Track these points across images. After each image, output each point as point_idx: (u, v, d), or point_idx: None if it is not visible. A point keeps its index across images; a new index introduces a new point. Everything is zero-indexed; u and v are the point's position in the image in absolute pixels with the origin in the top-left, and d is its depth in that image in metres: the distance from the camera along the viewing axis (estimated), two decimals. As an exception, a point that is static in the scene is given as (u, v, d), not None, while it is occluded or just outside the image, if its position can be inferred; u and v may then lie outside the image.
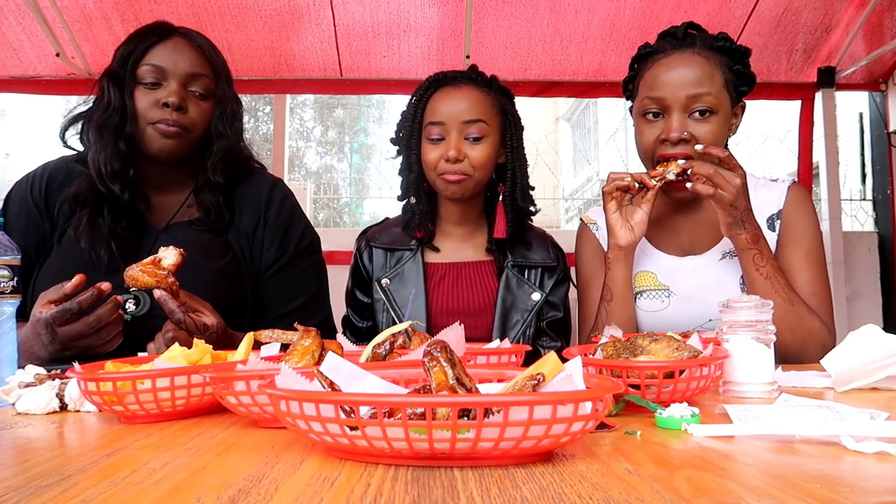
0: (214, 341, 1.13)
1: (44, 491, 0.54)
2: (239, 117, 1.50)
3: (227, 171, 1.47)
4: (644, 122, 1.46)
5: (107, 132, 1.38)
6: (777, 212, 1.49)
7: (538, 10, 2.68)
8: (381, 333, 0.95)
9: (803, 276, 1.42)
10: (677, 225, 1.55)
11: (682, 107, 1.41)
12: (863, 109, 3.51)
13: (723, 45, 1.45)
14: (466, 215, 1.63)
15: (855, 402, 0.84)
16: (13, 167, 10.20)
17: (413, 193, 1.62)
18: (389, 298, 1.57)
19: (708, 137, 1.40)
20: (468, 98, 1.55)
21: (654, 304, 1.50)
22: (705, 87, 1.40)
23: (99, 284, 1.16)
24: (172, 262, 1.17)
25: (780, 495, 0.51)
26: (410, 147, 1.59)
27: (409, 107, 1.61)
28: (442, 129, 1.54)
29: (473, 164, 1.53)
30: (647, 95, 1.44)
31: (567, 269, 1.68)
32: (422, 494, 0.51)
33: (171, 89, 1.38)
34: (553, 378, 0.63)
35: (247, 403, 0.76)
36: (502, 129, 1.59)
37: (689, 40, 1.46)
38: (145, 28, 1.45)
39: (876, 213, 3.39)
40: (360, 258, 1.65)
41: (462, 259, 1.63)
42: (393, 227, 1.67)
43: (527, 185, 1.63)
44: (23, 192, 1.46)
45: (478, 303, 1.59)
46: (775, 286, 1.33)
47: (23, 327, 1.18)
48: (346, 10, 2.67)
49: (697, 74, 1.41)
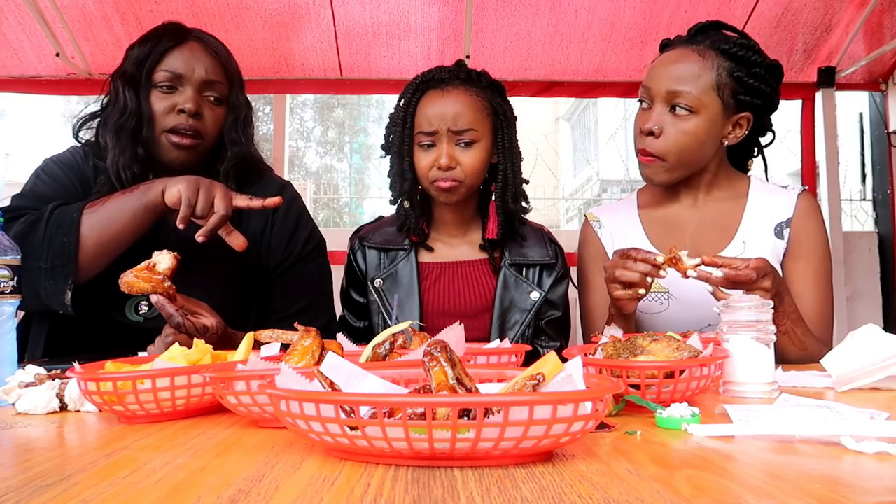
0: (215, 342, 1.13)
1: (44, 491, 0.54)
2: (251, 122, 1.51)
3: (239, 175, 1.48)
4: (639, 111, 1.47)
5: (124, 136, 1.39)
6: (786, 220, 1.48)
7: (538, 9, 2.67)
8: (382, 333, 0.95)
9: (810, 294, 1.42)
10: (682, 225, 1.53)
11: (663, 100, 1.40)
12: (863, 109, 3.51)
13: (730, 49, 1.41)
14: (461, 215, 1.63)
15: (855, 402, 0.84)
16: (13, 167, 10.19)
17: (407, 198, 1.60)
18: (383, 299, 1.57)
19: (678, 137, 1.39)
20: (457, 104, 1.52)
21: (653, 306, 1.49)
22: (687, 86, 1.39)
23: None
24: (167, 266, 1.17)
25: (780, 495, 0.51)
26: (402, 154, 1.56)
27: (398, 111, 1.59)
28: (432, 138, 1.53)
29: (465, 171, 1.52)
30: (642, 84, 1.45)
31: (566, 266, 1.67)
32: (422, 494, 0.51)
33: (187, 95, 1.39)
34: (553, 378, 0.63)
35: (247, 403, 0.76)
36: (494, 130, 1.58)
37: (701, 37, 1.44)
38: (159, 30, 1.45)
39: (876, 213, 3.39)
40: (353, 258, 1.64)
41: (457, 258, 1.62)
42: (387, 227, 1.66)
43: (519, 185, 1.61)
44: (74, 164, 1.46)
45: (475, 303, 1.58)
46: (792, 339, 1.32)
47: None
48: (346, 10, 2.67)
49: (682, 71, 1.40)
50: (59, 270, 1.24)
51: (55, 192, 1.39)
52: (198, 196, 1.23)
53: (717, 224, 1.50)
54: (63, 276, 1.24)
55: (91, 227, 1.25)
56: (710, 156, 1.47)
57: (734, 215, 1.51)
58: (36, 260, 1.23)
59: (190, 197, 1.22)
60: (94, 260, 1.27)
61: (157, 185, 1.26)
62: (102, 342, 1.36)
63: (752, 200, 1.52)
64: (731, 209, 1.52)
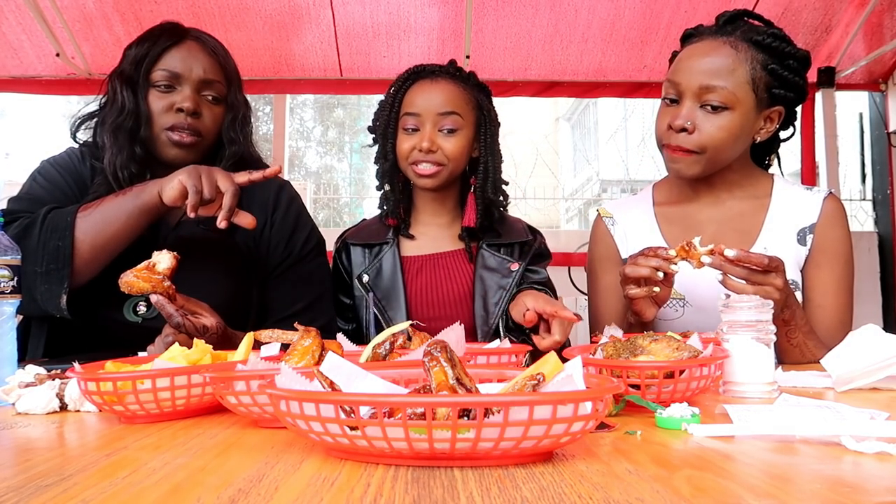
0: (215, 342, 1.13)
1: (44, 491, 0.54)
2: (249, 122, 1.51)
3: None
4: (663, 106, 1.40)
5: (122, 135, 1.39)
6: (810, 225, 1.42)
7: (538, 9, 2.68)
8: (382, 333, 0.95)
9: (830, 304, 1.39)
10: (700, 225, 1.47)
11: (694, 95, 1.33)
12: (863, 109, 3.51)
13: (763, 40, 1.34)
14: (442, 205, 1.65)
15: (855, 402, 0.84)
16: (13, 167, 10.19)
17: (387, 182, 1.63)
18: (369, 292, 1.57)
19: (715, 133, 1.33)
20: (444, 91, 1.57)
21: (668, 312, 1.45)
22: (721, 81, 1.32)
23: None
24: (167, 266, 1.17)
25: (780, 495, 0.51)
26: (386, 136, 1.61)
27: (387, 97, 1.64)
28: (417, 121, 1.56)
29: (447, 156, 1.55)
30: (667, 78, 1.38)
31: (547, 250, 1.68)
32: (422, 494, 0.51)
33: (185, 94, 1.39)
34: (553, 378, 0.63)
35: (247, 403, 0.76)
36: (477, 123, 1.61)
37: (730, 28, 1.37)
38: (157, 29, 1.45)
39: (876, 213, 3.39)
40: (338, 259, 1.66)
41: (439, 249, 1.63)
42: (369, 225, 1.70)
43: (499, 180, 1.64)
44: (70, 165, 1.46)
45: (457, 292, 1.59)
46: (804, 352, 1.29)
47: None
48: (346, 10, 2.67)
49: (716, 65, 1.32)
50: (55, 274, 1.24)
51: (51, 194, 1.39)
52: (201, 181, 1.23)
53: (738, 226, 1.45)
54: (58, 280, 1.24)
55: (85, 231, 1.25)
56: (739, 153, 1.41)
57: (756, 217, 1.45)
58: (31, 264, 1.22)
59: (195, 184, 1.22)
60: (90, 263, 1.26)
61: (152, 186, 1.26)
62: (102, 342, 1.36)
63: (775, 202, 1.45)
64: (752, 210, 1.46)
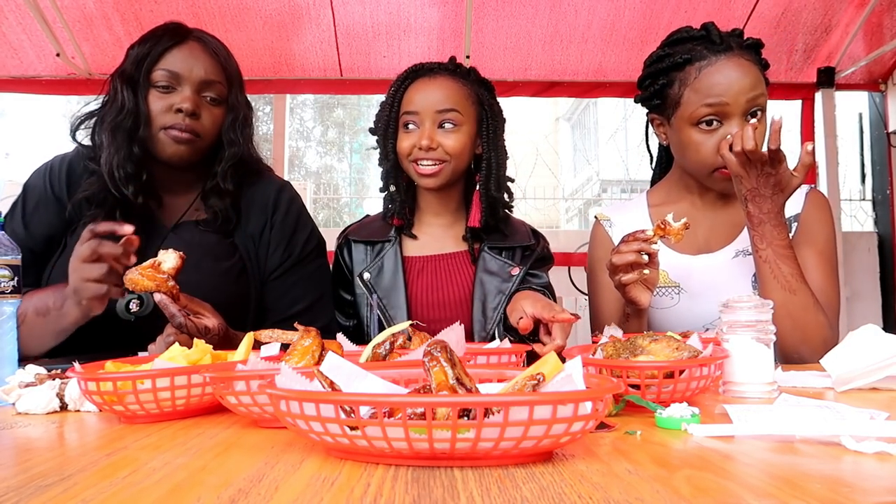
0: (216, 343, 1.13)
1: (44, 491, 0.54)
2: (250, 123, 1.51)
3: (237, 176, 1.48)
4: (699, 131, 1.40)
5: (120, 135, 1.38)
6: (794, 215, 1.47)
7: (538, 9, 2.68)
8: (382, 333, 0.95)
9: (813, 275, 1.41)
10: (696, 224, 1.51)
11: (743, 112, 1.38)
12: (862, 109, 3.51)
13: (750, 42, 1.43)
14: (445, 205, 1.64)
15: (855, 402, 0.84)
16: (13, 167, 10.18)
17: (392, 182, 1.62)
18: (371, 291, 1.57)
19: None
20: (443, 88, 1.56)
21: (664, 300, 1.50)
22: (760, 89, 1.39)
23: (130, 236, 1.17)
24: (172, 265, 1.17)
25: (780, 495, 0.51)
26: (387, 136, 1.60)
27: (387, 97, 1.63)
28: (416, 118, 1.55)
29: (448, 152, 1.54)
30: (704, 103, 1.38)
31: (550, 254, 1.67)
32: (422, 494, 0.51)
33: (184, 95, 1.39)
34: (553, 378, 0.63)
35: (247, 403, 0.76)
36: (478, 119, 1.60)
37: (725, 44, 1.42)
38: (160, 29, 1.45)
39: (876, 214, 3.39)
40: (339, 255, 1.65)
41: (442, 251, 1.63)
42: (372, 222, 1.68)
43: (503, 177, 1.63)
44: (42, 182, 1.45)
45: (457, 293, 1.58)
46: (774, 272, 1.32)
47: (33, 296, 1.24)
48: (346, 10, 2.67)
49: (753, 77, 1.38)
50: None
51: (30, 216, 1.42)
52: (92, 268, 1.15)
53: (728, 221, 1.51)
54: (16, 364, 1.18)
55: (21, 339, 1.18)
56: None
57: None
58: None
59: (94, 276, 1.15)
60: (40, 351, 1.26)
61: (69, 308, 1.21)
62: (102, 342, 1.36)
63: None
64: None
